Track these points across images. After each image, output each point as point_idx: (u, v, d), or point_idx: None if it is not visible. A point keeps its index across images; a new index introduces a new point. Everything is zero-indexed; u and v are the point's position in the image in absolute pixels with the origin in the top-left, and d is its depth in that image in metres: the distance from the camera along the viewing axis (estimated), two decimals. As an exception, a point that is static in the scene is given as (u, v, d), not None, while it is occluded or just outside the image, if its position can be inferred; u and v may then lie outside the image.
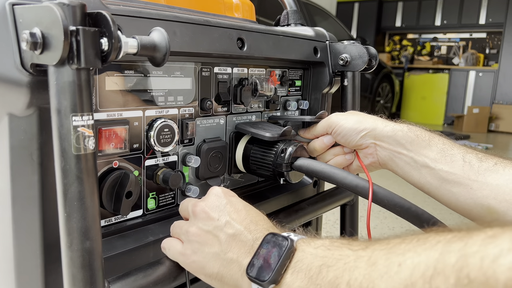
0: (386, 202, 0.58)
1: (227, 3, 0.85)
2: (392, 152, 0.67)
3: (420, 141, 0.65)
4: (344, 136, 0.70)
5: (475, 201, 0.59)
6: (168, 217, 0.62)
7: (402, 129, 0.67)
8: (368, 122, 0.69)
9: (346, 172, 0.62)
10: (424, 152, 0.64)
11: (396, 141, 0.66)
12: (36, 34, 0.39)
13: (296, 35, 0.79)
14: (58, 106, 0.39)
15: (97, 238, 0.41)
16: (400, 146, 0.66)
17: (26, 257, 0.49)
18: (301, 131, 0.77)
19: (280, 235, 0.44)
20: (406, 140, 0.66)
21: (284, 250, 0.42)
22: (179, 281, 0.55)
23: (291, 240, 0.43)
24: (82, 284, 0.41)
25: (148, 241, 0.57)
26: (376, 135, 0.68)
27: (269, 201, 0.77)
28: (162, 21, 0.54)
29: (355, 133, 0.69)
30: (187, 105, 0.64)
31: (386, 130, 0.67)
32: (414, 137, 0.66)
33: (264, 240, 0.45)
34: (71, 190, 0.40)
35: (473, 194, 0.59)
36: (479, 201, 0.59)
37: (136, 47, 0.44)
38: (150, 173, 0.60)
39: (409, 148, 0.65)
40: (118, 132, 0.54)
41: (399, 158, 0.67)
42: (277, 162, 0.67)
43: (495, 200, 0.57)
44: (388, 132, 0.67)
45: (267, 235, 0.46)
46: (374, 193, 0.58)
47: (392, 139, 0.67)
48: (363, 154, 0.70)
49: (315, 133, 0.74)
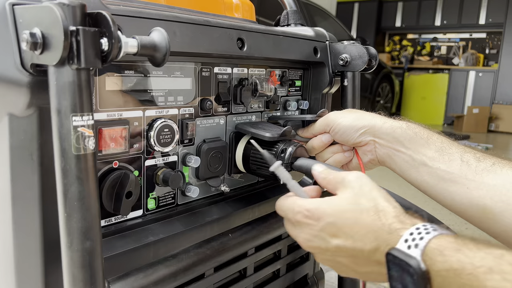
0: None
1: (227, 3, 0.85)
2: (391, 149, 0.67)
3: (418, 139, 0.65)
4: (342, 134, 0.70)
5: (471, 200, 0.59)
6: (168, 217, 0.62)
7: (401, 126, 0.66)
8: (366, 119, 0.69)
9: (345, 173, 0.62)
10: (423, 150, 0.64)
11: (394, 139, 0.66)
12: (36, 34, 0.39)
13: (296, 35, 0.79)
14: (58, 106, 0.39)
15: (97, 238, 0.41)
16: (399, 143, 0.66)
17: (26, 257, 0.49)
18: (300, 131, 0.77)
19: (401, 253, 0.42)
20: (405, 138, 0.65)
21: (415, 278, 0.40)
22: (179, 281, 0.55)
23: (417, 262, 0.40)
24: (82, 284, 0.41)
25: (148, 241, 0.57)
26: (375, 132, 0.67)
27: (269, 201, 0.77)
28: (162, 21, 0.54)
29: (353, 131, 0.68)
30: (187, 105, 0.64)
31: (385, 127, 0.67)
32: (413, 135, 0.65)
33: (388, 261, 0.43)
34: (71, 190, 0.40)
35: (469, 193, 0.59)
36: (475, 201, 0.58)
37: (136, 47, 0.44)
38: (150, 173, 0.60)
39: (408, 146, 0.65)
40: (118, 132, 0.54)
41: (398, 156, 0.66)
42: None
43: (491, 200, 0.57)
44: (387, 129, 0.67)
45: (387, 255, 0.43)
46: None
47: (390, 136, 0.66)
48: (362, 152, 0.70)
49: (314, 131, 0.74)
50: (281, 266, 0.85)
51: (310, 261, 0.95)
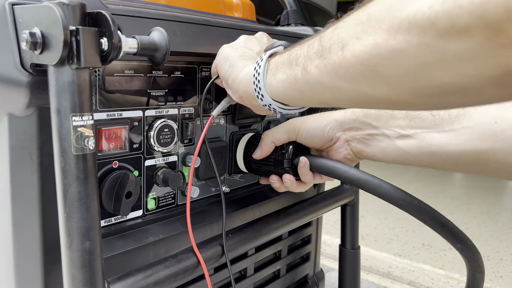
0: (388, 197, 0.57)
1: (227, 3, 0.85)
2: (363, 136, 0.64)
3: (382, 113, 0.63)
4: (310, 137, 0.66)
5: (458, 149, 0.56)
6: (168, 217, 0.62)
7: (361, 109, 0.64)
8: (326, 115, 0.67)
9: (347, 166, 0.61)
10: (391, 122, 0.62)
11: (361, 123, 0.64)
12: (36, 34, 0.39)
13: (296, 34, 0.79)
14: (58, 106, 0.39)
15: (97, 238, 0.41)
16: (367, 126, 0.64)
17: (26, 257, 0.49)
18: (257, 151, 0.69)
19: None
20: (370, 117, 0.63)
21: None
22: (179, 281, 0.55)
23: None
24: (82, 285, 0.41)
25: (148, 241, 0.57)
26: (340, 124, 0.65)
27: (270, 201, 0.77)
28: (162, 21, 0.54)
29: (319, 130, 0.66)
30: (187, 105, 0.64)
31: (347, 115, 0.65)
32: (376, 112, 0.63)
33: None
34: (71, 190, 0.39)
35: (454, 143, 0.57)
36: (463, 148, 0.56)
37: (136, 47, 0.44)
38: (150, 173, 0.60)
39: (376, 124, 0.63)
40: (118, 132, 0.53)
41: (372, 140, 0.64)
42: (278, 159, 0.67)
43: (479, 140, 0.54)
44: (350, 116, 0.65)
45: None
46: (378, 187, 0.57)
47: (357, 122, 0.64)
48: (335, 151, 0.67)
49: (277, 141, 0.68)
50: (281, 266, 0.85)
51: (310, 262, 0.95)
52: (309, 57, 0.44)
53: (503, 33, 0.26)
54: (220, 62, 0.58)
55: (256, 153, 0.69)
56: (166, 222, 0.62)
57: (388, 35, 0.33)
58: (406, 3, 0.31)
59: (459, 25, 0.27)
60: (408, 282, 1.90)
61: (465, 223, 2.72)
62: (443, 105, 0.38)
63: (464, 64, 0.29)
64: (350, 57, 0.37)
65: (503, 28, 0.26)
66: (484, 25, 0.26)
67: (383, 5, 0.34)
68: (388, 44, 0.33)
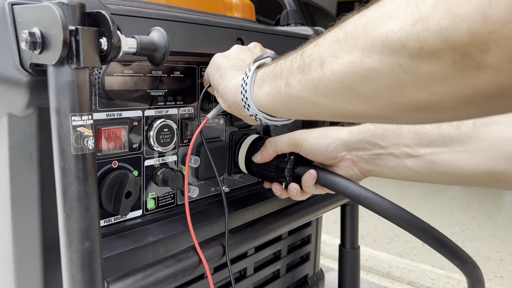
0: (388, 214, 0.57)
1: (227, 3, 0.85)
2: (370, 156, 0.63)
3: (389, 133, 0.62)
4: (314, 153, 0.65)
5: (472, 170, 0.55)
6: (167, 217, 0.62)
7: (368, 128, 0.63)
8: (331, 134, 0.65)
9: (349, 182, 0.60)
10: (399, 142, 0.61)
11: (368, 143, 0.63)
12: (36, 33, 0.39)
13: (296, 34, 0.79)
14: (58, 106, 0.39)
15: (96, 238, 0.41)
16: (374, 146, 0.63)
17: (26, 257, 0.49)
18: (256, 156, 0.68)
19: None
20: (377, 137, 0.62)
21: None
22: (179, 281, 0.55)
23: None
24: (82, 285, 0.41)
25: (148, 241, 0.57)
26: (346, 143, 0.64)
27: (269, 201, 0.77)
28: (162, 21, 0.54)
29: (323, 148, 0.64)
30: (187, 105, 0.64)
31: (353, 134, 0.64)
32: (383, 131, 0.62)
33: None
34: (71, 190, 0.39)
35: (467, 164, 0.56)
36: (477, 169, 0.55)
37: (136, 47, 0.44)
38: (149, 173, 0.60)
39: (383, 144, 0.62)
40: (117, 132, 0.53)
41: (379, 159, 0.63)
42: (280, 166, 0.67)
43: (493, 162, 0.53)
44: (356, 136, 0.63)
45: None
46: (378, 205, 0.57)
47: (363, 142, 0.63)
48: (340, 168, 0.65)
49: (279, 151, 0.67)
50: (281, 266, 0.85)
51: (310, 262, 0.95)
52: (292, 71, 0.44)
53: (468, 56, 0.26)
54: (212, 71, 0.58)
55: (256, 157, 0.69)
56: (165, 222, 0.61)
57: (363, 54, 0.33)
58: (380, 23, 0.31)
59: (427, 47, 0.28)
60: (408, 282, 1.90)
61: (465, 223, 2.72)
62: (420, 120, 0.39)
63: (435, 84, 0.29)
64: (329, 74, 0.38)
65: (468, 51, 0.26)
66: (451, 48, 0.27)
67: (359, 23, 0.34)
68: (363, 63, 0.33)
